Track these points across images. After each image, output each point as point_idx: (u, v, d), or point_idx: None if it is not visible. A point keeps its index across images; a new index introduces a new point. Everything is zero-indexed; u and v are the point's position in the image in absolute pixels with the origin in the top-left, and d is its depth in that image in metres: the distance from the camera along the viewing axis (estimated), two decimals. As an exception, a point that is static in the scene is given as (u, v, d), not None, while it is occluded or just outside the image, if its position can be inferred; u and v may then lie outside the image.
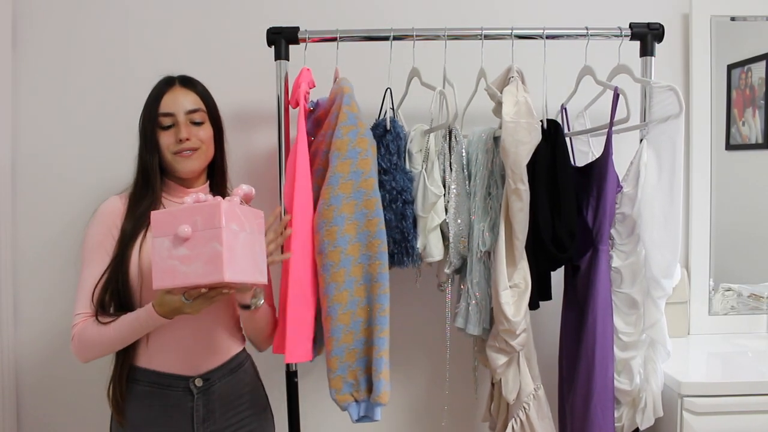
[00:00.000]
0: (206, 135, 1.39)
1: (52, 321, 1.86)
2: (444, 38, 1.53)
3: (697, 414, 1.48)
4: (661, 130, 1.44)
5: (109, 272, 1.30)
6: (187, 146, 1.35)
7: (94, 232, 1.34)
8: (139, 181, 1.37)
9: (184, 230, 1.12)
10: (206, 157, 1.40)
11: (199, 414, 1.35)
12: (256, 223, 1.25)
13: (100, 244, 1.32)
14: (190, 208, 1.16)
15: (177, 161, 1.36)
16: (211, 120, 1.41)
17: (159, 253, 1.15)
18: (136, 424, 1.33)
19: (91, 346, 1.29)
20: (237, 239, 1.16)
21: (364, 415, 1.42)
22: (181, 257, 1.13)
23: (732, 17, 1.90)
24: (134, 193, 1.37)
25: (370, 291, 1.39)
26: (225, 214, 1.14)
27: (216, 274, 1.11)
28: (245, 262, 1.18)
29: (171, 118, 1.35)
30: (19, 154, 1.84)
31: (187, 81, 1.41)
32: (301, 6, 1.86)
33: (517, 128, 1.39)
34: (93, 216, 1.36)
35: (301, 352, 1.38)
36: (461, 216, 1.53)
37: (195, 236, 1.13)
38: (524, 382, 1.51)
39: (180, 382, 1.33)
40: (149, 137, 1.35)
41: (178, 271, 1.13)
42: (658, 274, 1.44)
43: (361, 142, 1.39)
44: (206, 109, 1.40)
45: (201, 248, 1.12)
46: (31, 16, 1.83)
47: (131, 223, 1.33)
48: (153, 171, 1.35)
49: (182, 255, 1.13)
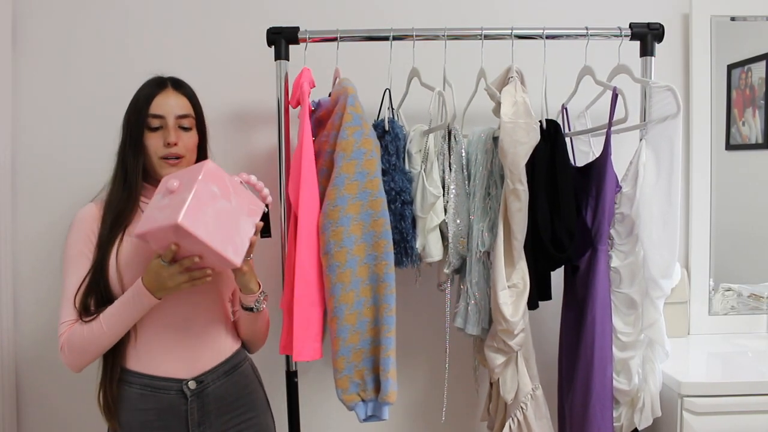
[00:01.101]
0: (192, 143, 1.38)
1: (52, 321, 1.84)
2: (444, 38, 1.53)
3: (697, 414, 1.48)
4: (660, 130, 1.44)
5: (89, 277, 1.29)
6: (173, 152, 1.33)
7: (72, 241, 1.33)
8: (117, 183, 1.35)
9: (172, 184, 1.16)
10: (188, 165, 1.38)
11: (194, 417, 1.32)
12: (248, 205, 1.25)
13: (80, 253, 1.32)
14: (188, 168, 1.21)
15: (162, 166, 1.34)
16: (198, 127, 1.40)
17: (150, 205, 1.19)
18: (133, 427, 1.32)
19: (81, 348, 1.27)
20: (214, 201, 1.17)
21: (372, 415, 1.42)
22: (161, 207, 1.16)
23: (732, 17, 1.90)
24: (111, 195, 1.34)
25: (376, 291, 1.39)
26: (206, 172, 1.18)
27: (173, 217, 1.10)
28: (215, 226, 1.16)
29: (160, 120, 1.34)
30: (19, 154, 1.84)
31: (179, 85, 1.39)
32: (301, 6, 1.86)
33: (515, 128, 1.39)
34: (71, 225, 1.35)
35: (309, 351, 1.38)
36: (460, 216, 1.53)
37: (178, 189, 1.16)
38: (522, 382, 1.51)
39: (173, 384, 1.31)
40: (135, 137, 1.33)
41: (151, 217, 1.15)
42: (657, 274, 1.44)
43: (366, 143, 1.39)
44: (195, 115, 1.39)
45: (175, 197, 1.15)
46: (31, 15, 1.84)
47: (107, 227, 1.31)
48: (134, 174, 1.33)
49: (162, 205, 1.15)
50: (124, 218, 1.32)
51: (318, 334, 1.41)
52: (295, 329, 1.35)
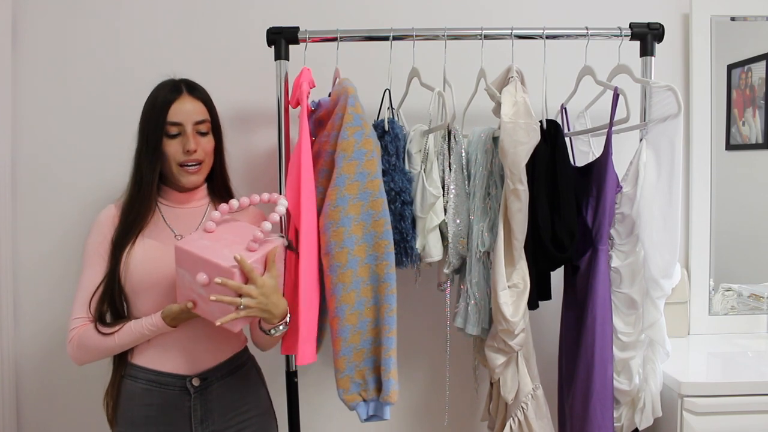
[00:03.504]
0: (210, 146, 1.39)
1: (52, 321, 1.87)
2: (444, 38, 1.53)
3: (697, 414, 1.48)
4: (661, 130, 1.44)
5: (104, 285, 1.33)
6: (193, 158, 1.35)
7: (90, 240, 1.38)
8: (133, 189, 1.37)
9: (202, 278, 1.21)
10: (208, 169, 1.40)
11: (197, 414, 1.34)
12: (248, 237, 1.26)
13: (95, 251, 1.36)
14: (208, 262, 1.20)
15: (182, 174, 1.36)
16: (215, 132, 1.41)
17: (182, 282, 1.26)
18: (137, 423, 1.34)
19: (90, 352, 1.32)
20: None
21: (373, 415, 1.42)
22: (200, 295, 1.23)
23: (732, 17, 1.90)
24: (127, 203, 1.37)
25: (377, 291, 1.39)
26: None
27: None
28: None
29: (178, 128, 1.34)
30: (19, 154, 1.84)
31: (193, 88, 1.39)
32: (301, 6, 1.86)
33: (515, 128, 1.39)
34: (92, 225, 1.40)
35: (309, 354, 1.38)
36: (460, 216, 1.53)
37: (212, 285, 1.20)
38: (523, 381, 1.51)
39: (177, 381, 1.33)
40: (153, 145, 1.33)
41: (198, 303, 1.25)
42: (657, 274, 1.44)
43: (367, 143, 1.39)
44: (211, 119, 1.40)
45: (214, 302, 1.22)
46: (31, 15, 1.84)
47: (121, 233, 1.35)
48: (150, 182, 1.35)
49: (201, 294, 1.23)
50: (137, 224, 1.35)
51: (314, 337, 1.41)
52: (300, 332, 1.34)
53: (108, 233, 1.36)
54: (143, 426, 1.33)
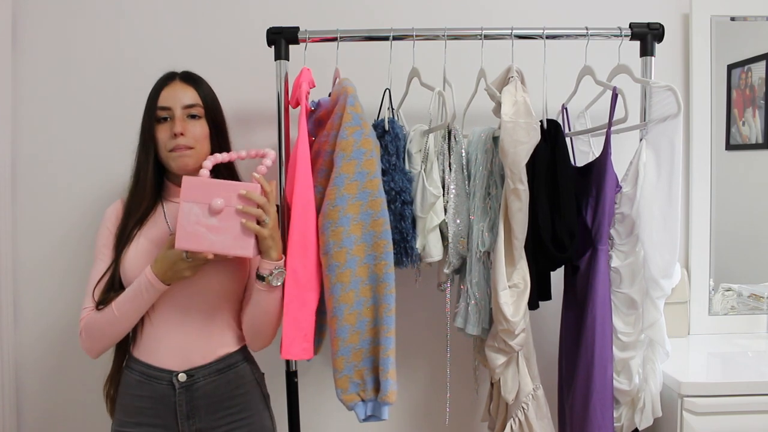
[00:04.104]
0: (201, 132, 1.38)
1: (52, 321, 1.87)
2: (444, 38, 1.53)
3: (697, 414, 1.48)
4: (660, 130, 1.44)
5: (108, 276, 1.37)
6: (181, 143, 1.34)
7: (99, 235, 1.43)
8: (132, 182, 1.41)
9: (217, 203, 1.22)
10: (200, 155, 1.38)
11: (183, 410, 1.36)
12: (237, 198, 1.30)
13: (103, 245, 1.41)
14: (229, 185, 1.26)
15: (171, 158, 1.36)
16: (209, 117, 1.41)
17: (187, 218, 1.24)
18: (129, 413, 1.38)
19: (97, 333, 1.34)
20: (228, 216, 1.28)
21: (371, 415, 1.42)
22: (210, 226, 1.24)
23: (732, 17, 1.90)
24: (128, 197, 1.42)
25: (376, 291, 1.39)
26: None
27: (245, 249, 1.26)
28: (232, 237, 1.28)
29: (167, 112, 1.36)
30: (19, 154, 1.84)
31: (189, 77, 1.42)
32: (301, 6, 1.86)
33: (515, 128, 1.39)
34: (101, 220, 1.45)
35: (298, 350, 1.38)
36: (460, 216, 1.53)
37: (226, 210, 1.23)
38: (523, 382, 1.51)
39: (165, 375, 1.36)
40: (146, 131, 1.37)
41: (205, 237, 1.24)
42: (657, 274, 1.44)
43: (366, 143, 1.39)
44: (204, 105, 1.40)
45: (230, 221, 1.25)
46: (31, 16, 1.84)
47: (122, 226, 1.39)
48: (145, 172, 1.38)
49: (211, 224, 1.24)
50: (135, 215, 1.38)
51: (309, 335, 1.40)
52: (284, 327, 1.36)
53: (112, 227, 1.41)
54: (135, 416, 1.37)
